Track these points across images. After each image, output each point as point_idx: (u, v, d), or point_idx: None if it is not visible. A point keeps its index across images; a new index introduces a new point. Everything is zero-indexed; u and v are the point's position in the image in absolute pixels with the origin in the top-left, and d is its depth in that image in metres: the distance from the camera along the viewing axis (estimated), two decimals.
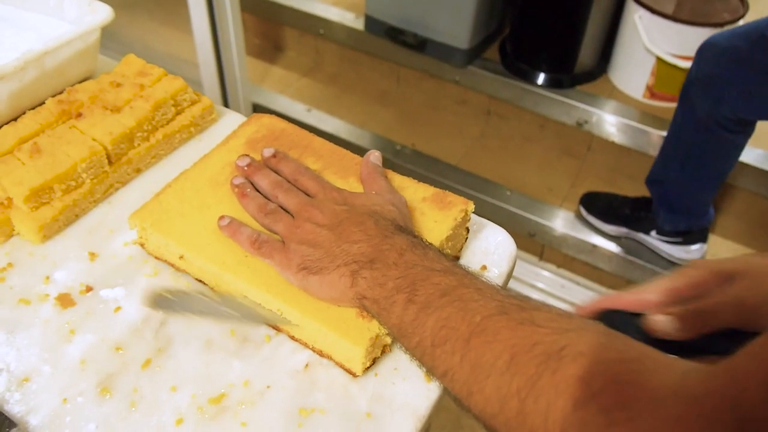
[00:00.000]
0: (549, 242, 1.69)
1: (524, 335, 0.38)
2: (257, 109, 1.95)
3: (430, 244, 0.50)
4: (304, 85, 2.16)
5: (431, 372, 0.43)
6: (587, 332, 0.37)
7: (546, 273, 1.71)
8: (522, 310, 0.40)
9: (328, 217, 0.52)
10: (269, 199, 0.57)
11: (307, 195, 0.57)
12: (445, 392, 0.49)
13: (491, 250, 0.61)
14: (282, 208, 0.56)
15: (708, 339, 0.42)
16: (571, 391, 0.33)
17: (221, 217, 0.57)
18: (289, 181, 0.58)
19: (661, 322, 0.42)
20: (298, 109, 1.98)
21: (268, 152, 0.61)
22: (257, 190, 0.58)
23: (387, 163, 0.69)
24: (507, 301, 0.41)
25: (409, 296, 0.44)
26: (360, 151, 0.64)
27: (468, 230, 0.61)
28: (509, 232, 0.63)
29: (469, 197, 0.59)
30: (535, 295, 1.67)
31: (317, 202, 0.54)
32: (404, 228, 0.51)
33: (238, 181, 0.59)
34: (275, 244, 0.53)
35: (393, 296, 0.45)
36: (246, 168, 0.60)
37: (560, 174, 1.85)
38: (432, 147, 1.89)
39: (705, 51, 1.32)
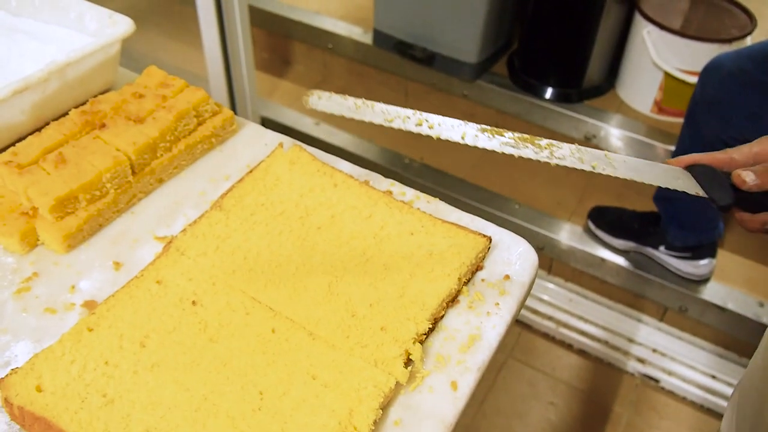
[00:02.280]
0: (557, 256, 1.69)
1: None
2: (265, 122, 1.97)
3: None
4: None
5: None
6: None
7: (554, 287, 1.71)
8: None
9: None
10: None
11: None
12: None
13: (513, 261, 0.61)
14: None
15: None
16: None
17: None
18: None
19: (745, 175, 0.52)
20: (306, 123, 1.99)
21: None
22: None
23: (396, 177, 0.70)
24: None
25: None
26: (369, 164, 0.65)
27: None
28: None
29: (477, 211, 0.60)
30: (543, 309, 1.68)
31: None
32: None
33: None
34: None
35: None
36: None
37: (568, 188, 1.85)
38: (440, 160, 1.90)
39: (710, 72, 1.32)
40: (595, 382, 1.55)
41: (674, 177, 0.56)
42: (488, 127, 0.55)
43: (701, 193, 0.55)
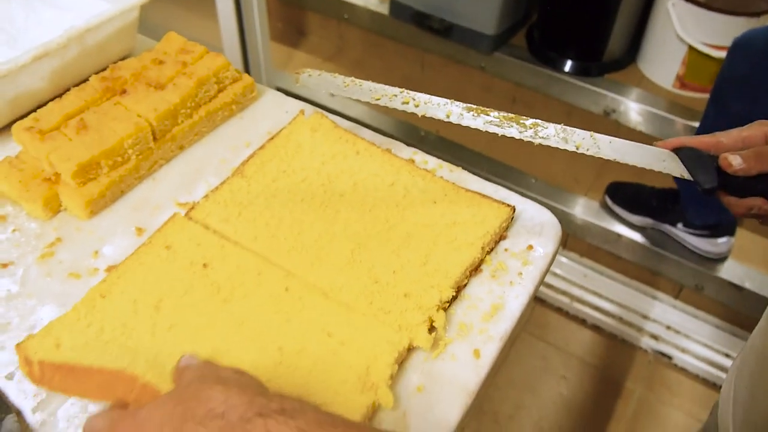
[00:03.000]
0: (573, 231, 1.68)
1: None
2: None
3: None
4: (328, 70, 2.14)
5: None
6: None
7: (569, 261, 1.70)
8: None
9: None
10: None
11: None
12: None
13: (537, 231, 0.61)
14: None
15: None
16: None
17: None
18: None
19: (732, 158, 0.51)
20: (321, 94, 1.98)
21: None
22: None
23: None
24: None
25: None
26: (385, 136, 0.65)
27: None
28: None
29: (494, 184, 0.60)
30: (558, 283, 1.67)
31: None
32: None
33: None
34: None
35: None
36: None
37: (586, 164, 1.83)
38: (456, 133, 1.88)
39: (739, 49, 1.28)
40: (608, 358, 1.55)
41: (660, 159, 0.56)
42: (473, 106, 0.56)
43: (686, 175, 0.55)
